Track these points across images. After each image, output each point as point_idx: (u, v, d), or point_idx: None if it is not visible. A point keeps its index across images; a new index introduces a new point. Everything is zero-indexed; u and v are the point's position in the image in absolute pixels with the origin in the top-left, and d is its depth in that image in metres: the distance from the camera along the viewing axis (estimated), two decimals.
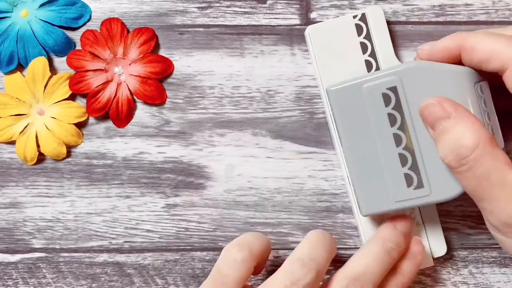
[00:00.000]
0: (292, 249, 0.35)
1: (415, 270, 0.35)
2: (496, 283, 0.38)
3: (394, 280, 0.34)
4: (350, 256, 0.39)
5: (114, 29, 0.38)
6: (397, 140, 0.33)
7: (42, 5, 0.38)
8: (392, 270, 0.34)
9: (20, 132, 0.38)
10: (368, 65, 0.37)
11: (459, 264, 0.39)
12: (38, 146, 0.39)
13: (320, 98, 0.38)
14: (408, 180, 0.33)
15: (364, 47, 0.37)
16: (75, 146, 0.39)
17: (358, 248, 0.39)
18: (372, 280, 0.32)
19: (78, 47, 0.39)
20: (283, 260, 0.33)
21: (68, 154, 0.39)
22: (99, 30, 0.39)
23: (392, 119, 0.33)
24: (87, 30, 0.39)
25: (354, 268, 0.33)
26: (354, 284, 0.32)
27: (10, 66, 0.39)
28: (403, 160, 0.33)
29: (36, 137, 0.38)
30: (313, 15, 0.39)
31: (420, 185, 0.33)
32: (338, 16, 0.39)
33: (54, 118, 0.38)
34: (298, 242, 0.38)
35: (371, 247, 0.34)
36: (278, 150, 0.39)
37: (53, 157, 0.39)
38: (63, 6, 0.38)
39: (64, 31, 0.39)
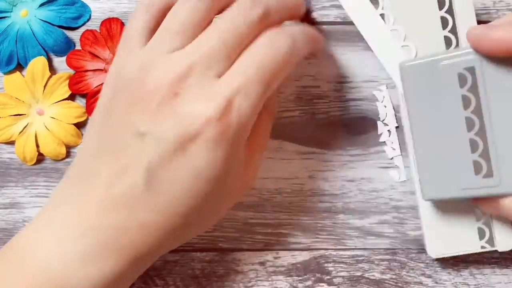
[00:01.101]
0: (293, 249, 0.35)
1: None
2: (497, 284, 0.38)
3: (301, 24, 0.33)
4: (351, 256, 0.39)
5: (114, 29, 0.38)
6: (469, 124, 0.31)
7: (41, 5, 0.38)
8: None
9: (20, 132, 0.38)
10: (448, 42, 0.35)
11: (460, 264, 0.38)
12: (37, 146, 0.38)
13: (321, 99, 0.38)
14: (477, 167, 0.32)
15: (444, 22, 0.35)
16: (74, 146, 0.39)
17: (358, 248, 0.39)
18: None
19: (78, 47, 0.39)
20: (283, 261, 0.33)
21: (68, 154, 0.39)
22: (98, 30, 0.39)
23: (466, 102, 0.31)
24: (87, 30, 0.39)
25: None
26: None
27: (10, 66, 0.38)
28: (473, 146, 0.31)
29: (36, 137, 0.38)
30: (313, 15, 0.39)
31: (489, 174, 0.31)
32: (338, 16, 0.38)
33: (54, 118, 0.38)
34: (298, 243, 0.38)
35: None
36: (278, 151, 0.39)
37: (53, 157, 0.39)
38: (62, 6, 0.38)
39: (64, 31, 0.39)
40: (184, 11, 0.31)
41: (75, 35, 0.39)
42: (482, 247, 0.35)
